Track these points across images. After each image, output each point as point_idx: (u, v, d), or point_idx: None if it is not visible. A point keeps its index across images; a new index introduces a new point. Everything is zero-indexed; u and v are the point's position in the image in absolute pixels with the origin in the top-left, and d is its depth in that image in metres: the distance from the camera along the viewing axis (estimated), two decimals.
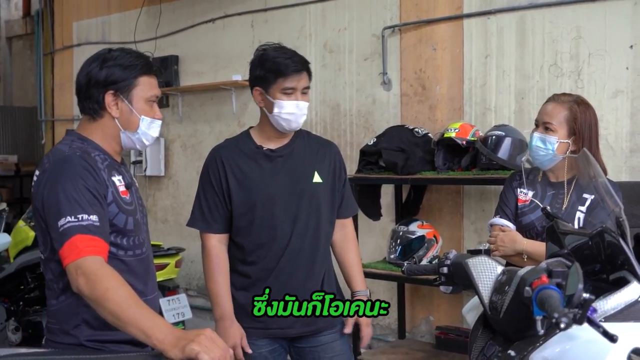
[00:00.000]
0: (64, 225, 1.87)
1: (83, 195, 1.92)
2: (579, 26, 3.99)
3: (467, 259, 1.89)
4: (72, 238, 1.85)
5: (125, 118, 2.11)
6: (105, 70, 2.07)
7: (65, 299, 2.01)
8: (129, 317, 1.75)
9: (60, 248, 1.87)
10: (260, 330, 2.59)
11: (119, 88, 2.08)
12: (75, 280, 1.82)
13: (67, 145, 2.06)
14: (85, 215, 1.89)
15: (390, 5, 4.77)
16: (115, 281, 1.82)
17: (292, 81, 2.52)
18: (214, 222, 2.61)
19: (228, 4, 5.73)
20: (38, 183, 2.00)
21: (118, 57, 2.10)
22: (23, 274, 5.01)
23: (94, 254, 1.85)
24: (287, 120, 2.55)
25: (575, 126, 2.61)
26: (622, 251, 1.68)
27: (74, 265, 1.83)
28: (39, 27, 7.59)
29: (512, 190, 2.77)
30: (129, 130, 2.13)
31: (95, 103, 2.09)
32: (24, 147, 10.29)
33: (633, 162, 3.85)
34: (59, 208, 1.90)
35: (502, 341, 1.75)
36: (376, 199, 4.57)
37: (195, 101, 6.05)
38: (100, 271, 1.82)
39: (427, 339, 4.63)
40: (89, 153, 2.04)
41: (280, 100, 2.52)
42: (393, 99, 4.79)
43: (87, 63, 2.12)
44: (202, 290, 6.00)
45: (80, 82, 2.11)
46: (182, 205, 6.12)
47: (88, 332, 2.00)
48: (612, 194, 1.89)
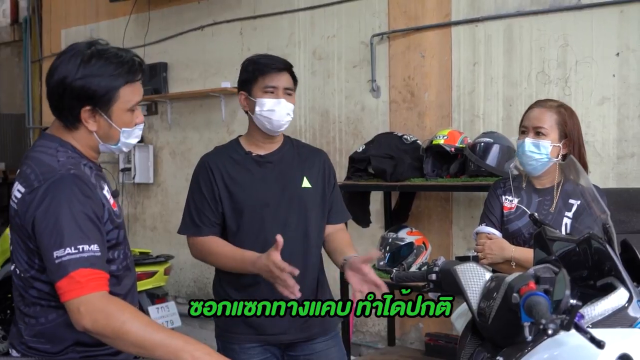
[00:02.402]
0: (62, 258, 1.73)
1: (82, 223, 1.78)
2: (566, 34, 4.02)
3: (456, 265, 1.90)
4: (72, 273, 1.72)
5: (104, 132, 1.93)
6: (82, 82, 1.84)
7: (57, 317, 1.88)
8: (156, 343, 1.70)
9: (58, 280, 1.73)
10: (253, 336, 2.58)
11: (96, 104, 1.87)
12: (80, 320, 1.71)
13: (54, 158, 1.86)
14: (86, 246, 1.75)
15: (379, 13, 4.79)
16: (129, 313, 1.74)
17: (272, 80, 2.55)
18: (204, 227, 2.61)
19: (217, 11, 5.73)
20: (26, 202, 1.82)
21: (98, 65, 1.87)
22: (10, 283, 4.96)
23: (97, 290, 1.74)
24: (268, 119, 2.55)
25: (565, 129, 2.63)
26: (609, 257, 1.69)
27: (76, 303, 1.71)
28: (26, 34, 7.57)
29: (496, 197, 2.77)
30: (108, 142, 1.96)
31: (69, 115, 1.88)
32: (11, 155, 10.21)
33: (620, 169, 3.87)
34: (56, 237, 1.74)
35: (490, 347, 1.76)
36: (365, 205, 4.57)
37: (184, 108, 6.04)
38: (109, 307, 1.73)
39: (417, 345, 4.63)
40: (80, 167, 1.88)
41: (261, 98, 2.55)
42: (382, 106, 4.80)
43: (61, 62, 1.88)
44: (190, 297, 5.98)
45: (53, 89, 1.88)
46: (171, 212, 6.10)
47: (81, 349, 1.92)
48: (598, 200, 1.90)
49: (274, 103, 2.54)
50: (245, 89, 2.60)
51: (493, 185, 2.85)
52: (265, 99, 2.55)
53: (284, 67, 2.58)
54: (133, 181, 6.36)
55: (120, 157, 6.39)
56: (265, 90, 2.55)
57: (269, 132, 2.60)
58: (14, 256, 1.93)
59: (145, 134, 6.23)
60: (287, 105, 2.57)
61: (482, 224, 2.78)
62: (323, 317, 2.66)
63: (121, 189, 6.43)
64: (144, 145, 6.24)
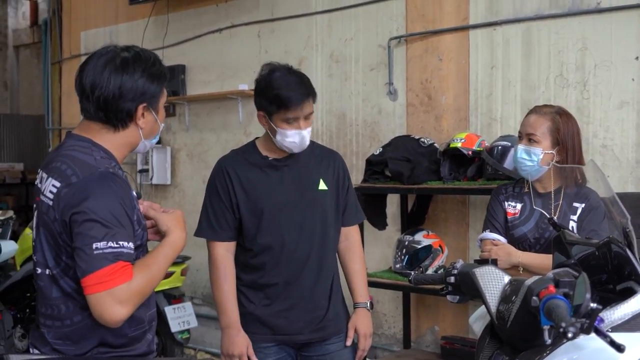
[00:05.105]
0: (104, 250, 1.78)
1: (123, 218, 1.84)
2: (584, 37, 4.00)
3: (474, 268, 1.91)
4: (111, 265, 1.77)
5: (149, 128, 2.03)
6: (142, 83, 1.95)
7: (82, 319, 1.90)
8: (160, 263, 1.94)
9: (93, 271, 1.77)
10: (269, 335, 2.61)
11: (151, 101, 1.99)
12: (109, 308, 1.77)
13: (90, 157, 1.91)
14: (125, 243, 1.82)
15: (396, 16, 4.79)
16: (140, 267, 1.87)
17: (295, 112, 2.52)
18: (220, 230, 2.63)
19: (235, 13, 5.76)
20: (63, 196, 1.84)
21: (147, 65, 1.98)
22: (29, 282, 5.02)
23: (124, 281, 1.80)
24: (289, 147, 2.58)
25: (558, 137, 2.63)
26: (629, 262, 1.69)
27: (108, 294, 1.77)
28: (46, 36, 7.63)
29: (499, 203, 2.78)
30: (148, 138, 2.05)
31: (125, 115, 1.95)
32: (30, 155, 10.33)
33: (639, 173, 3.85)
34: (99, 230, 1.79)
35: (509, 351, 1.76)
36: (382, 208, 4.57)
37: (201, 110, 6.08)
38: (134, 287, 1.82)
39: (433, 348, 4.63)
40: (115, 167, 1.94)
41: (282, 129, 2.54)
42: (399, 109, 4.80)
43: (112, 70, 1.93)
44: (207, 298, 6.00)
45: (110, 93, 1.92)
46: (188, 213, 6.06)
47: (105, 350, 1.94)
48: (619, 205, 1.89)
49: (295, 134, 2.54)
50: (265, 112, 2.58)
51: (495, 191, 2.85)
52: (286, 130, 2.54)
53: (305, 97, 2.54)
54: (151, 182, 6.40)
55: (138, 158, 6.44)
56: (287, 122, 2.53)
57: (289, 152, 2.62)
58: (38, 255, 1.94)
59: (163, 136, 6.27)
60: (307, 133, 2.57)
61: (486, 230, 2.78)
62: (336, 318, 2.68)
63: (139, 190, 6.47)
64: (161, 146, 6.28)
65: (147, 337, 2.04)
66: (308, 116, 2.57)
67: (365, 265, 2.88)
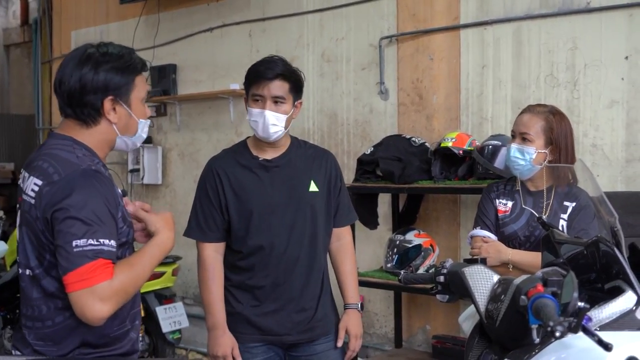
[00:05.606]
0: (84, 247, 1.76)
1: (105, 217, 1.82)
2: (574, 37, 4.01)
3: (464, 268, 1.91)
4: (91, 262, 1.75)
5: (124, 123, 1.98)
6: (103, 75, 1.91)
7: (63, 319, 1.89)
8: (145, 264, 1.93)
9: (73, 269, 1.75)
10: (257, 335, 2.60)
11: (118, 93, 1.94)
12: (91, 306, 1.75)
13: (72, 154, 1.89)
14: (107, 240, 1.80)
15: (388, 16, 4.79)
16: (124, 265, 1.86)
17: (260, 88, 2.52)
18: (209, 231, 2.62)
19: (226, 13, 5.75)
20: (44, 194, 1.83)
21: (112, 57, 1.94)
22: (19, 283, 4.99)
23: (105, 279, 1.77)
24: (254, 127, 2.57)
25: (552, 136, 2.64)
26: (617, 261, 1.70)
27: (89, 291, 1.75)
28: (37, 35, 7.61)
29: (490, 201, 2.78)
30: (126, 134, 2.01)
31: (91, 110, 1.92)
32: (21, 155, 10.25)
33: (628, 172, 3.87)
34: (79, 227, 1.77)
35: (498, 350, 1.77)
36: (373, 207, 4.58)
37: (193, 110, 6.06)
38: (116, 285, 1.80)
39: (424, 348, 4.63)
40: (98, 165, 1.92)
41: (250, 107, 2.56)
42: (390, 109, 4.80)
43: (75, 64, 1.93)
44: (198, 298, 5.97)
45: (72, 87, 1.91)
46: (179, 213, 6.10)
47: (87, 350, 1.93)
48: (607, 204, 1.90)
49: (257, 113, 2.53)
50: (246, 94, 2.61)
51: (486, 189, 2.86)
52: (252, 109, 2.55)
53: (273, 75, 2.51)
54: (142, 182, 6.38)
55: (129, 158, 6.42)
56: (254, 99, 2.54)
57: (261, 138, 2.59)
58: (21, 256, 1.93)
59: (154, 135, 6.26)
60: (271, 116, 2.51)
61: (476, 228, 2.78)
62: (324, 319, 2.68)
63: (130, 189, 6.45)
64: (152, 146, 6.26)
65: (130, 336, 2.03)
66: (278, 100, 2.53)
67: (356, 266, 2.88)
